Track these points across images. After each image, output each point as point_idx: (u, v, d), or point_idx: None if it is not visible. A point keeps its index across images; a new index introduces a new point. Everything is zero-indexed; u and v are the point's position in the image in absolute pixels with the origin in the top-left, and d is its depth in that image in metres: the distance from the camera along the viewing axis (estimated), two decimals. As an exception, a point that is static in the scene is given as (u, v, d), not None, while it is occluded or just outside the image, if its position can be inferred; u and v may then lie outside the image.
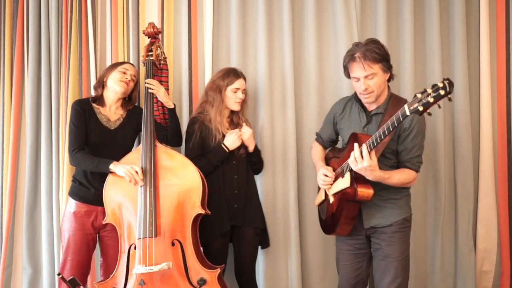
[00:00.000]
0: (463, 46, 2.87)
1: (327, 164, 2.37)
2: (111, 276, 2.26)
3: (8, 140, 3.04)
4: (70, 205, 2.43)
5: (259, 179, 2.82)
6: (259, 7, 2.91)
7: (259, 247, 2.66)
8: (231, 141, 2.52)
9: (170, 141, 2.61)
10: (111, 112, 2.52)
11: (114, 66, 2.55)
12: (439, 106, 1.73)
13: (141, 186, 2.26)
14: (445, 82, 1.66)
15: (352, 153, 1.98)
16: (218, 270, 2.25)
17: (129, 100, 2.60)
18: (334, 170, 2.26)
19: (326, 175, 2.24)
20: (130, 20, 2.94)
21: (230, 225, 2.49)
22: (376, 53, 2.06)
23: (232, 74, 2.59)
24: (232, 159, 2.56)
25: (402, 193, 2.22)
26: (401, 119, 1.82)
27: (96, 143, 2.41)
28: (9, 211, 3.00)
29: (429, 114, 1.75)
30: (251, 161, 2.65)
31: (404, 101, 2.08)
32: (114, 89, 2.48)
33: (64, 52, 2.94)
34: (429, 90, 1.70)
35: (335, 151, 2.39)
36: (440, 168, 2.87)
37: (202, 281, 2.22)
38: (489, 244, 2.90)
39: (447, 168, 2.90)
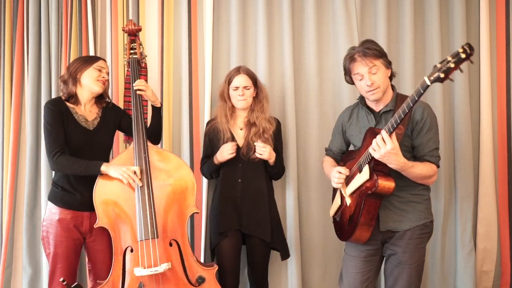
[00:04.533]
0: (463, 46, 2.87)
1: None
2: (105, 281, 2.20)
3: (8, 140, 3.04)
4: (52, 212, 2.30)
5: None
6: (259, 7, 2.91)
7: (278, 256, 2.62)
8: (222, 153, 2.45)
9: (148, 138, 2.49)
10: (87, 111, 2.39)
11: (88, 62, 2.37)
12: (461, 71, 1.68)
13: (140, 186, 2.23)
14: (464, 46, 1.62)
15: (374, 140, 1.89)
16: (216, 267, 2.27)
17: (101, 97, 2.47)
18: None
19: (340, 172, 2.15)
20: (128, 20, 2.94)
21: (235, 228, 2.47)
22: (375, 49, 2.08)
23: (233, 72, 2.55)
24: (238, 162, 2.50)
25: (423, 197, 2.14)
26: (422, 91, 1.73)
27: (76, 146, 2.29)
28: (9, 211, 3.00)
29: (451, 80, 1.70)
30: (270, 172, 2.56)
31: None
32: (91, 88, 2.35)
33: (64, 52, 2.94)
34: (449, 58, 1.65)
35: (350, 154, 2.29)
36: (440, 168, 2.85)
37: (201, 279, 2.22)
38: (489, 244, 2.90)
39: (447, 168, 2.90)
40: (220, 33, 2.99)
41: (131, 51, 2.58)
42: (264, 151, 2.41)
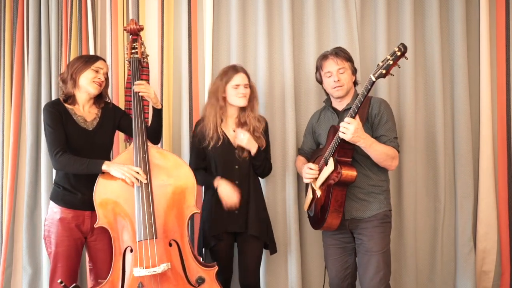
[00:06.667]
0: (463, 46, 2.87)
1: None
2: (105, 281, 2.20)
3: (8, 140, 3.04)
4: (54, 211, 2.31)
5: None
6: (259, 7, 2.92)
7: (268, 252, 2.61)
8: (226, 195, 2.39)
9: (148, 138, 2.47)
10: (86, 112, 2.40)
11: (87, 63, 2.37)
12: (399, 66, 2.00)
13: (139, 186, 2.22)
14: (399, 46, 1.95)
15: (341, 125, 2.12)
16: (216, 268, 2.25)
17: (99, 97, 2.47)
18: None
19: (310, 168, 2.35)
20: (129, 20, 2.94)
21: (232, 229, 2.47)
22: (346, 53, 2.40)
23: (231, 70, 2.52)
24: (235, 164, 2.50)
25: (382, 188, 2.35)
26: (369, 87, 2.02)
27: (76, 146, 2.29)
28: (9, 211, 3.00)
29: (392, 74, 2.02)
30: (254, 164, 2.54)
31: (369, 98, 2.32)
32: (87, 89, 2.36)
33: (64, 52, 2.94)
34: (389, 56, 1.97)
35: (317, 152, 2.48)
36: (440, 168, 2.87)
37: (201, 280, 2.21)
38: (489, 244, 2.90)
39: (447, 168, 2.90)
40: (220, 33, 2.99)
41: (132, 51, 2.57)
42: (242, 138, 2.43)
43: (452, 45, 2.93)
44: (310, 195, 2.46)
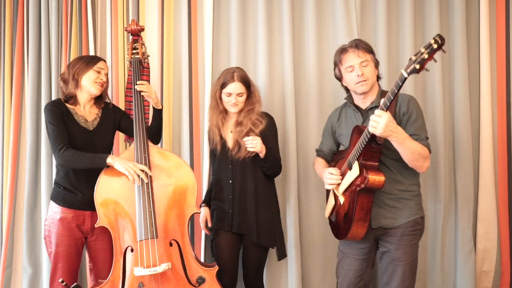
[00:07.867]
0: (463, 46, 2.87)
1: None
2: (106, 280, 2.21)
3: (8, 140, 3.05)
4: (54, 211, 2.32)
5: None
6: (259, 7, 2.92)
7: (276, 258, 2.62)
8: (201, 217, 2.67)
9: (148, 138, 2.47)
10: (87, 112, 2.42)
11: (89, 64, 2.38)
12: (435, 60, 1.74)
13: (140, 186, 2.22)
14: (435, 37, 1.69)
15: (371, 118, 1.89)
16: (216, 268, 2.26)
17: (99, 97, 2.48)
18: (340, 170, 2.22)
19: (331, 173, 2.19)
20: (130, 20, 2.94)
21: (226, 229, 2.48)
22: (366, 44, 2.20)
23: (228, 76, 2.46)
24: (229, 164, 2.50)
25: (413, 193, 2.16)
26: (400, 84, 1.78)
27: (77, 146, 2.29)
28: (9, 212, 3.00)
29: (427, 70, 1.76)
30: (263, 166, 2.48)
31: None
32: (89, 90, 2.37)
33: (64, 52, 2.94)
34: (423, 49, 1.72)
35: (340, 154, 2.32)
36: (440, 168, 2.87)
37: (201, 279, 2.22)
38: (489, 244, 2.90)
39: (447, 168, 2.90)
40: (220, 33, 2.99)
41: (133, 51, 2.58)
42: (255, 143, 2.34)
43: (452, 45, 2.93)
44: (332, 201, 2.28)
